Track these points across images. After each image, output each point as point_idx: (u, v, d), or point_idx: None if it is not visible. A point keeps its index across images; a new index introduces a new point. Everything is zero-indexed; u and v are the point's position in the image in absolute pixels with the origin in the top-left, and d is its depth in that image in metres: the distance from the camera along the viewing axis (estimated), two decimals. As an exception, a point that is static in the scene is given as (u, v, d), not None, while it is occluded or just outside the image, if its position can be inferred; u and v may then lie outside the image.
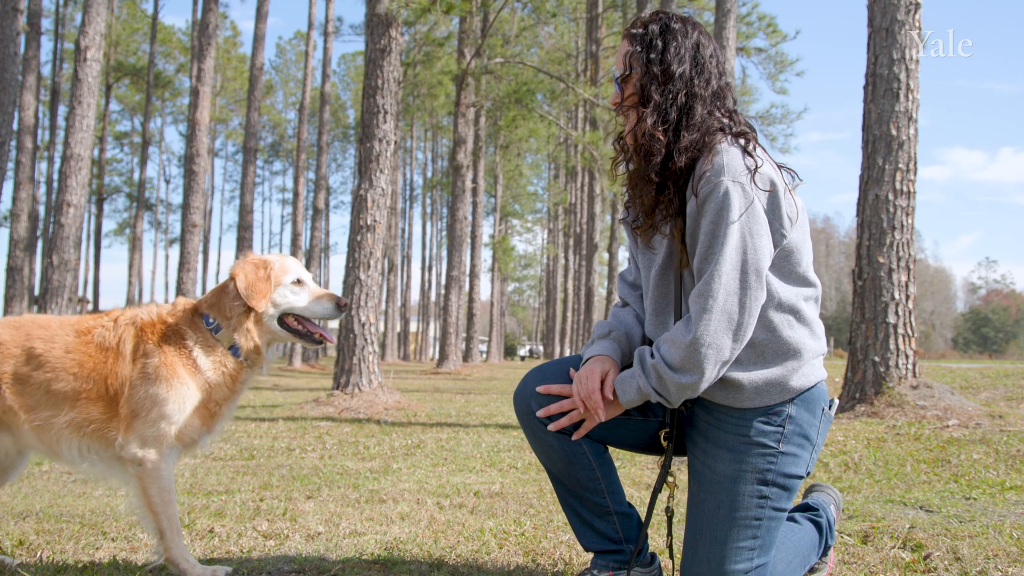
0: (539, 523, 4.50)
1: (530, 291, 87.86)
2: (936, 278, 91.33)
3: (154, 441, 3.17)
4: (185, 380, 3.22)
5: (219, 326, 3.32)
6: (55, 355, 3.22)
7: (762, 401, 2.72)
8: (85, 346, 3.25)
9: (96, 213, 46.60)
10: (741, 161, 2.61)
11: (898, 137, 9.45)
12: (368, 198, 12.30)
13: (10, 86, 16.27)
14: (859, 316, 9.53)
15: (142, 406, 3.16)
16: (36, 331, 3.29)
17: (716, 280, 2.53)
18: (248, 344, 3.32)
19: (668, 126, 2.69)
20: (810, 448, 2.80)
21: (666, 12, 2.84)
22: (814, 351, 2.78)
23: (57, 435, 3.21)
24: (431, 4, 13.47)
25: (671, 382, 2.62)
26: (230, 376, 3.32)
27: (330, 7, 35.15)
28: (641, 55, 2.75)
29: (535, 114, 28.82)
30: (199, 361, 3.27)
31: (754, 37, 34.01)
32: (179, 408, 3.20)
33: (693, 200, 2.62)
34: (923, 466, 6.37)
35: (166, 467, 3.21)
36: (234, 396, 3.38)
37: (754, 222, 2.56)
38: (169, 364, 3.20)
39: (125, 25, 46.99)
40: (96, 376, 3.20)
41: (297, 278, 3.39)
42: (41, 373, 3.20)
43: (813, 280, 2.80)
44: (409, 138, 58.14)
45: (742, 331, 2.57)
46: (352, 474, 6.31)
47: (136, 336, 3.25)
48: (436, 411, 11.91)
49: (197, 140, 23.32)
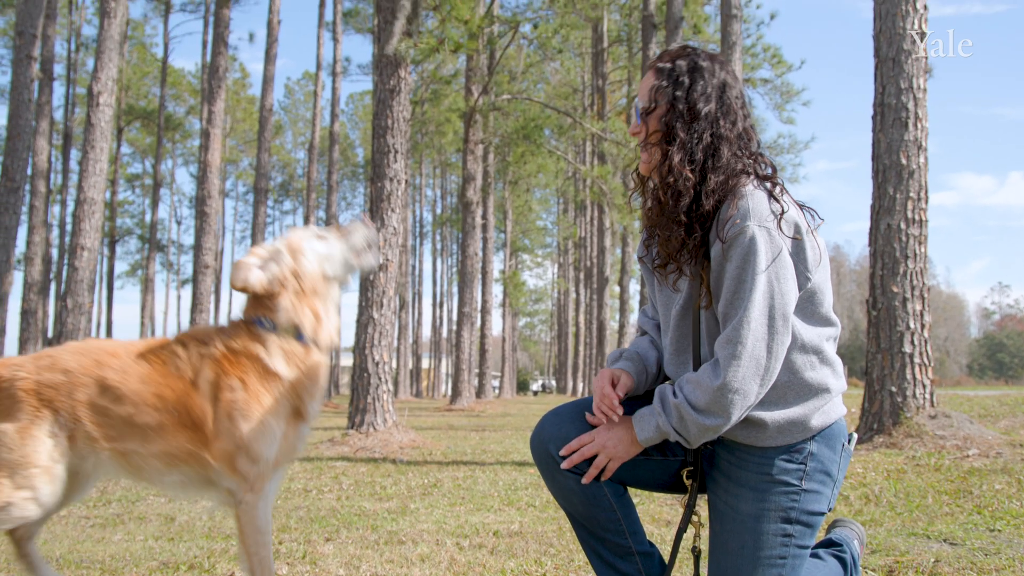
0: (560, 563, 4.48)
1: (541, 325, 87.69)
2: (949, 304, 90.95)
3: (256, 480, 3.11)
4: (272, 407, 3.15)
5: (273, 323, 3.22)
6: (132, 387, 3.14)
7: (784, 440, 2.71)
8: (162, 376, 3.17)
9: (108, 255, 46.86)
10: (767, 205, 2.60)
11: (908, 166, 9.46)
12: (380, 237, 12.35)
13: (24, 132, 16.45)
14: (875, 346, 9.49)
15: (239, 447, 3.09)
16: (105, 359, 3.21)
17: (744, 327, 2.53)
18: (307, 319, 3.24)
19: (695, 166, 2.69)
20: (831, 484, 2.79)
21: (694, 48, 2.82)
22: (836, 390, 2.78)
23: (148, 466, 3.16)
24: (439, 44, 13.57)
25: (693, 423, 2.61)
26: (306, 365, 3.23)
27: (338, 48, 35.49)
28: (667, 90, 2.74)
29: (543, 149, 28.92)
30: (278, 368, 3.18)
31: (759, 68, 34.25)
32: (274, 440, 3.13)
33: (718, 244, 2.61)
34: (945, 497, 6.31)
35: (263, 506, 3.14)
36: (314, 386, 3.28)
37: (781, 267, 2.56)
38: (255, 397, 3.13)
39: (136, 69, 47.48)
40: (178, 407, 3.13)
41: (315, 234, 3.35)
42: (121, 407, 3.13)
43: (834, 320, 2.80)
44: (418, 175, 58.40)
45: (769, 375, 2.57)
46: (370, 515, 6.29)
47: (213, 368, 3.17)
48: (451, 449, 11.87)
49: (208, 182, 23.46)
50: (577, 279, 54.24)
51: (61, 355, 3.25)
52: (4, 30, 37.70)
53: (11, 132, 16.45)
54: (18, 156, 16.30)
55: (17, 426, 3.10)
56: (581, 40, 37.35)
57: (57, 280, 37.40)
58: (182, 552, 4.91)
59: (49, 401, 3.14)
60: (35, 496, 3.08)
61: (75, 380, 3.17)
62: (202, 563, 4.54)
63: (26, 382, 3.16)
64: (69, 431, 3.13)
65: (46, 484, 3.10)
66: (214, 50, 24.22)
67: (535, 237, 59.73)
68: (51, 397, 3.14)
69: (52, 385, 3.16)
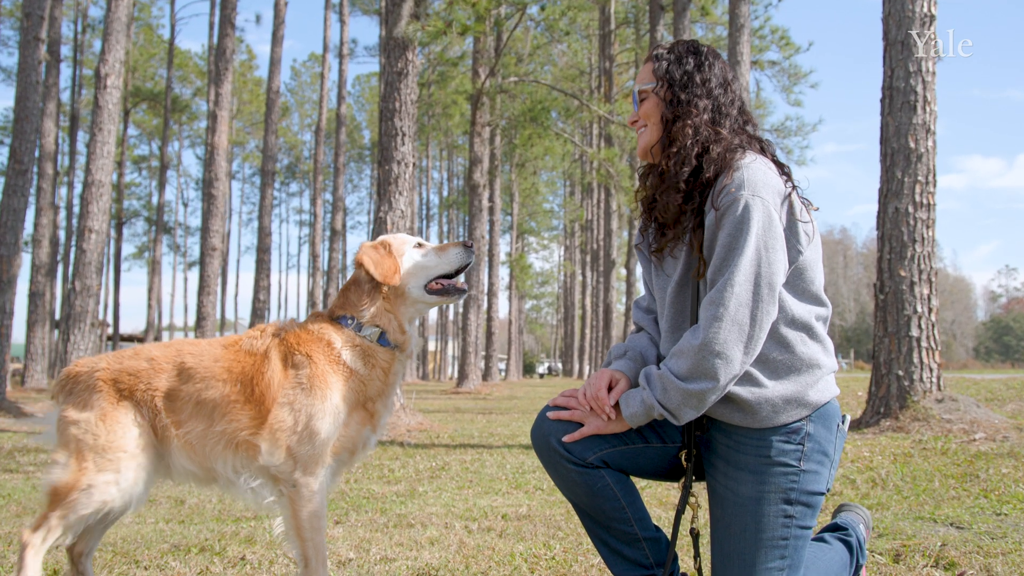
0: (568, 546, 4.50)
1: (548, 308, 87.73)
2: (956, 287, 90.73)
3: (310, 461, 3.08)
4: (339, 389, 3.13)
5: (359, 324, 3.21)
6: (204, 365, 3.17)
7: (780, 419, 2.72)
8: (234, 354, 3.20)
9: (115, 237, 46.96)
10: (763, 177, 2.66)
11: (916, 150, 9.44)
12: (388, 220, 12.36)
13: (32, 115, 16.45)
14: (882, 330, 9.50)
15: (297, 421, 3.07)
16: (186, 347, 3.26)
17: (728, 289, 2.57)
18: (392, 325, 3.23)
19: (699, 136, 2.77)
20: (828, 464, 2.81)
21: (686, 40, 2.95)
22: (827, 367, 2.80)
23: (211, 451, 3.14)
24: (446, 26, 13.54)
25: (676, 391, 2.64)
26: (382, 369, 3.21)
27: (344, 29, 35.41)
28: (671, 68, 2.86)
29: (550, 132, 28.86)
30: (350, 363, 3.17)
31: (767, 50, 34.07)
32: (335, 422, 3.10)
33: (712, 213, 2.67)
34: (951, 481, 6.33)
35: (320, 490, 3.11)
36: (390, 389, 3.27)
37: (771, 237, 2.61)
38: (321, 374, 3.11)
39: (142, 51, 47.47)
40: (243, 379, 3.13)
41: (416, 243, 3.33)
42: (191, 385, 3.14)
43: (825, 300, 2.84)
44: (425, 158, 58.37)
45: (752, 344, 2.60)
46: (379, 498, 6.33)
47: (283, 345, 3.18)
48: (459, 432, 11.92)
49: (215, 164, 23.48)
50: (583, 262, 54.23)
51: (145, 347, 3.30)
52: (11, 11, 37.66)
53: (18, 114, 16.46)
54: (26, 138, 16.31)
55: (99, 413, 3.12)
56: (588, 22, 37.19)
57: (64, 262, 37.50)
58: (193, 535, 4.96)
59: (129, 391, 3.16)
60: (117, 480, 3.07)
61: (157, 366, 3.20)
62: (213, 545, 4.58)
63: (105, 372, 3.19)
64: (151, 421, 3.16)
65: (130, 470, 3.10)
66: (221, 32, 24.20)
67: (541, 220, 59.66)
68: (131, 385, 3.17)
69: (133, 372, 3.19)
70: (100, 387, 3.17)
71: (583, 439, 2.84)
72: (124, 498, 3.12)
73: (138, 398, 3.15)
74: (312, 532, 3.09)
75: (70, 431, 3.12)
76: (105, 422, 3.10)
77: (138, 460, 3.13)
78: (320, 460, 3.09)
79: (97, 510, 3.08)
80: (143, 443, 3.14)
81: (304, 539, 3.09)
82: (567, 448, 2.84)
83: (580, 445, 2.84)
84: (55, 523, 3.03)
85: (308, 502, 3.08)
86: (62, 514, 3.03)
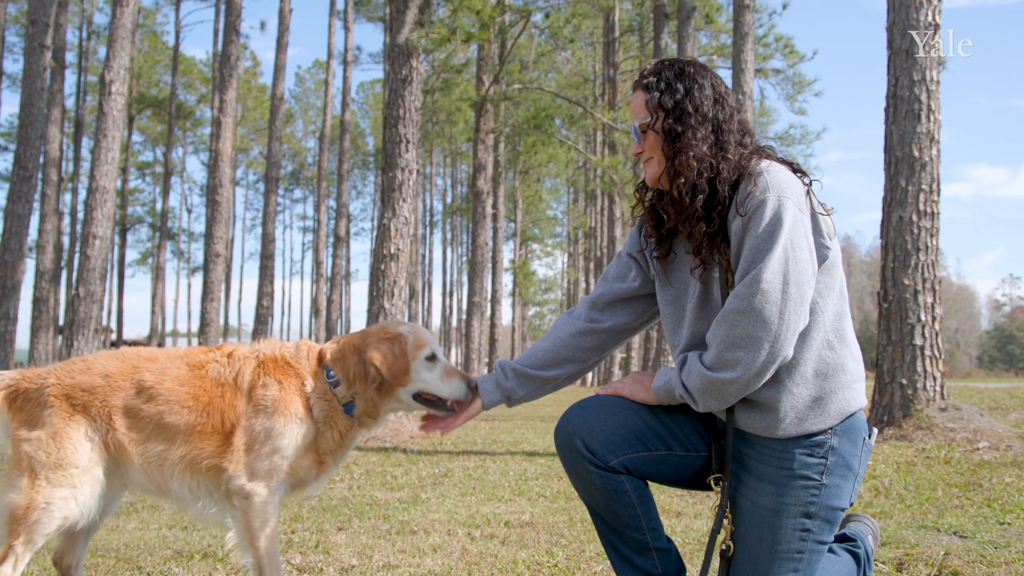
0: (571, 554, 4.50)
1: (551, 315, 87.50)
2: (960, 296, 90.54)
3: (265, 475, 3.10)
4: (302, 416, 3.15)
5: (339, 382, 3.21)
6: (167, 387, 3.15)
7: (803, 428, 2.71)
8: (200, 379, 3.18)
9: (119, 243, 46.99)
10: (784, 178, 2.68)
11: (920, 158, 9.44)
12: (391, 227, 12.37)
13: (37, 121, 16.50)
14: (885, 339, 9.49)
15: (256, 438, 3.10)
16: (144, 363, 3.23)
17: (755, 284, 2.57)
18: (367, 408, 3.21)
19: (705, 161, 2.75)
20: (852, 479, 2.79)
21: (670, 59, 2.93)
22: (854, 374, 2.79)
23: (169, 472, 3.13)
24: (450, 34, 13.56)
25: (698, 375, 2.68)
26: (339, 432, 3.22)
27: (349, 36, 35.45)
28: (662, 98, 2.82)
29: (554, 139, 28.85)
30: (314, 410, 3.18)
31: (771, 58, 34.10)
32: (293, 442, 3.12)
33: (739, 220, 2.67)
34: (955, 490, 6.32)
35: (273, 502, 3.12)
36: (341, 451, 3.27)
37: (797, 236, 2.61)
38: (288, 399, 3.13)
39: (147, 57, 47.56)
40: (212, 410, 3.13)
41: (431, 353, 3.25)
42: (153, 406, 3.13)
43: (846, 298, 2.86)
44: (428, 164, 58.37)
45: (779, 343, 2.58)
46: (382, 504, 6.32)
47: (255, 370, 3.18)
48: (461, 439, 11.91)
49: (220, 171, 23.49)
50: (587, 268, 54.10)
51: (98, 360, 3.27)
52: (16, 18, 37.78)
53: (23, 120, 16.50)
54: (31, 144, 16.35)
55: (51, 431, 3.11)
56: (592, 29, 37.20)
57: (68, 268, 37.54)
58: (195, 541, 4.96)
59: (84, 407, 3.15)
60: (74, 495, 3.07)
61: (113, 384, 3.18)
62: (216, 552, 4.58)
63: (56, 388, 3.17)
64: (103, 437, 3.15)
65: (86, 484, 3.10)
66: (225, 39, 24.24)
67: (545, 227, 59.64)
68: (85, 402, 3.15)
69: (87, 389, 3.17)
70: (51, 403, 3.15)
71: (606, 442, 2.84)
72: (87, 515, 3.14)
73: (93, 414, 3.14)
74: (265, 541, 3.12)
75: (22, 448, 3.12)
76: (55, 439, 3.10)
77: (92, 474, 3.13)
78: (275, 474, 3.12)
79: (59, 527, 3.08)
80: (95, 457, 3.14)
81: (258, 548, 3.12)
82: (590, 450, 2.84)
83: (603, 448, 2.84)
84: (21, 550, 3.03)
85: (262, 513, 3.10)
86: (26, 539, 3.03)
